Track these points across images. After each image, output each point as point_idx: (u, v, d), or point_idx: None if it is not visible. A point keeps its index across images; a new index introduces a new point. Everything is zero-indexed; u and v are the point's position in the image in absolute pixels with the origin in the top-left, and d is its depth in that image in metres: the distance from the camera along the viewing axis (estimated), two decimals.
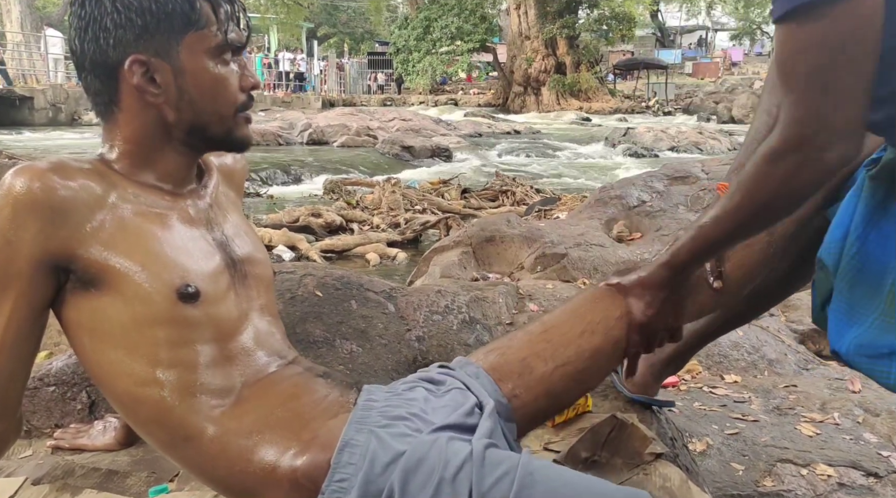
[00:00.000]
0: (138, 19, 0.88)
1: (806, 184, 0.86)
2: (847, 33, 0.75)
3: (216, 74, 0.93)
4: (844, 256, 0.96)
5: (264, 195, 7.69)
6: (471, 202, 6.68)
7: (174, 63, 0.91)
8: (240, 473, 0.88)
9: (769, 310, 1.38)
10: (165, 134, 0.94)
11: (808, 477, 1.61)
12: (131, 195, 0.91)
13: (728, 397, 2.06)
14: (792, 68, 0.80)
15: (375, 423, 0.89)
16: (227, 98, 0.95)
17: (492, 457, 0.83)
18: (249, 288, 1.00)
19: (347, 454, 0.85)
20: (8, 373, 0.87)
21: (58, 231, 0.84)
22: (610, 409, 1.38)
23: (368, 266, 4.80)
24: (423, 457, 0.83)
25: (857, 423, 1.89)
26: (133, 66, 0.89)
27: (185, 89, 0.92)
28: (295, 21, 26.35)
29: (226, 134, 0.97)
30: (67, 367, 1.55)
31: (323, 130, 12.85)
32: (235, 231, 1.03)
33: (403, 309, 1.97)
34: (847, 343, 0.95)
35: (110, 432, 1.35)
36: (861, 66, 0.77)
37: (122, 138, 0.94)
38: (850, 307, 0.95)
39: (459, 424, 0.91)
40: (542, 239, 3.37)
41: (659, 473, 1.15)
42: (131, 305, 0.87)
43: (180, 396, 0.88)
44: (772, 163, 0.86)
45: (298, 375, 0.97)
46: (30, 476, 1.25)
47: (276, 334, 1.02)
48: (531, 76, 24.22)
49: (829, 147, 0.81)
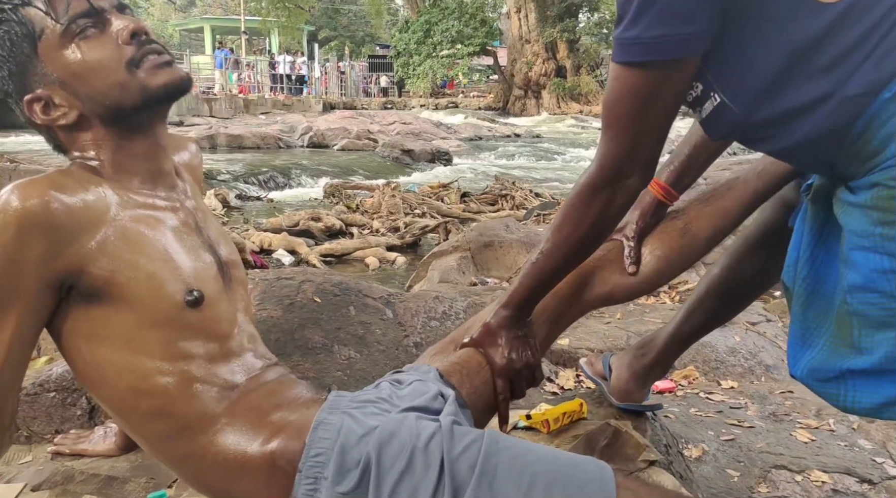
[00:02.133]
0: (5, 69, 0.92)
1: (619, 210, 0.99)
2: (667, 88, 0.87)
3: (81, 54, 0.91)
4: (797, 278, 0.97)
5: (264, 199, 7.70)
6: (470, 206, 6.70)
7: (52, 78, 0.92)
8: (223, 462, 0.90)
9: (743, 309, 1.42)
10: (105, 131, 0.95)
11: (803, 483, 1.62)
12: (126, 202, 0.92)
13: (724, 403, 2.07)
14: (617, 108, 0.90)
15: (347, 406, 0.93)
16: (109, 65, 0.91)
17: (459, 430, 0.89)
18: (234, 291, 1.03)
19: (322, 431, 0.89)
20: (9, 385, 0.88)
21: (65, 249, 0.84)
22: (605, 416, 1.40)
23: (368, 270, 4.81)
24: (395, 430, 0.87)
25: (851, 429, 1.90)
26: (32, 108, 0.93)
27: (76, 90, 0.92)
28: (296, 24, 26.37)
29: (142, 93, 0.93)
30: (67, 373, 1.56)
31: (323, 134, 12.87)
32: (217, 232, 1.05)
33: (401, 315, 1.98)
34: (801, 367, 0.95)
35: (110, 438, 1.36)
36: (670, 114, 0.90)
37: (80, 147, 0.95)
38: (803, 331, 0.96)
39: (425, 407, 0.96)
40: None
41: (652, 480, 1.16)
42: (137, 311, 0.88)
43: (186, 387, 0.91)
44: (592, 194, 0.97)
45: (279, 376, 1.01)
46: (29, 482, 1.26)
47: (257, 337, 1.06)
48: (531, 80, 24.25)
49: (633, 176, 0.94)
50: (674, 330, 1.37)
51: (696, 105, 0.91)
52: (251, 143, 11.97)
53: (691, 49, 0.84)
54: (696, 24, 0.81)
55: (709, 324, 1.37)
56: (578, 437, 1.28)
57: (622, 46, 0.85)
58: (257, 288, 1.89)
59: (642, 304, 3.07)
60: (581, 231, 1.00)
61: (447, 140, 12.73)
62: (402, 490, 0.84)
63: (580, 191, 0.98)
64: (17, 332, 0.85)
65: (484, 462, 0.84)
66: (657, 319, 2.64)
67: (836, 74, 0.79)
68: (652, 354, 1.39)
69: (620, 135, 0.91)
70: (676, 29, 0.81)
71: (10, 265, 0.82)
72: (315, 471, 0.87)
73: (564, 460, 0.86)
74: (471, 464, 0.84)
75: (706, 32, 0.82)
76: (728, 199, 1.22)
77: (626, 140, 0.91)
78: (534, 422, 1.34)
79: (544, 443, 1.29)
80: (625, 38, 0.84)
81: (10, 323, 0.84)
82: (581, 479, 0.83)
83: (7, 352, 0.85)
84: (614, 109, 0.90)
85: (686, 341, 1.40)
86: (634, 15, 0.82)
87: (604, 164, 0.94)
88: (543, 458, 0.86)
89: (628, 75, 0.86)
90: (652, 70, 0.85)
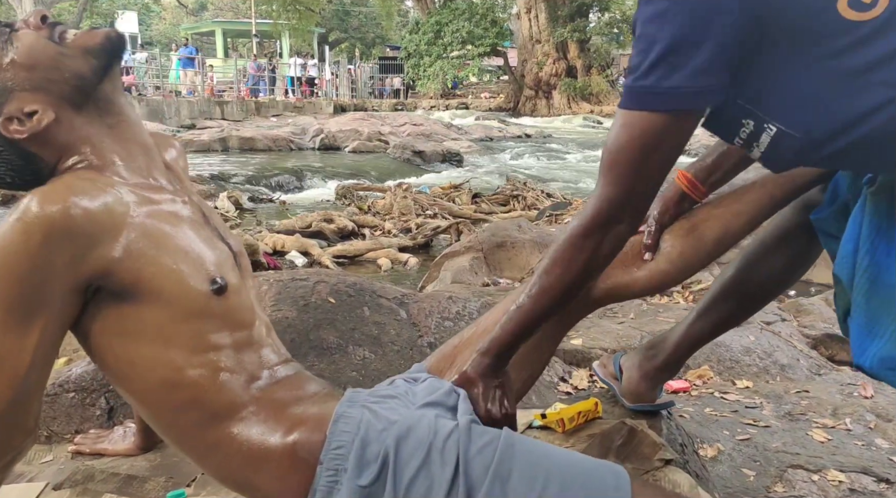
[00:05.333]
0: None
1: (608, 254, 0.99)
2: (674, 138, 0.88)
3: (18, 54, 0.92)
4: (857, 269, 0.98)
5: (276, 201, 7.73)
6: (482, 207, 6.70)
7: (9, 86, 0.92)
8: (247, 452, 0.91)
9: (757, 312, 1.40)
10: (83, 121, 0.95)
11: (820, 483, 1.61)
12: (140, 199, 0.93)
13: (739, 403, 2.07)
14: (622, 154, 0.91)
15: (365, 400, 0.95)
16: (41, 47, 0.93)
17: (476, 429, 0.90)
18: (246, 279, 1.05)
19: (342, 424, 0.90)
20: (34, 388, 0.89)
21: (89, 253, 0.85)
22: (620, 415, 1.39)
23: (380, 271, 4.82)
24: (414, 426, 0.89)
25: (868, 428, 1.89)
26: (10, 127, 0.92)
27: (35, 83, 0.92)
28: (306, 26, 26.46)
29: (85, 54, 0.94)
30: (87, 373, 1.58)
31: (334, 135, 12.91)
32: (220, 223, 1.07)
33: (415, 315, 1.99)
34: (870, 357, 0.96)
35: (129, 438, 1.37)
36: (671, 163, 0.92)
37: (77, 151, 0.95)
38: (868, 320, 0.97)
39: (441, 402, 0.98)
40: (552, 244, 3.38)
41: (668, 479, 1.16)
42: (167, 305, 0.90)
43: (216, 377, 0.92)
44: (585, 238, 0.97)
45: (298, 371, 1.03)
46: (51, 481, 1.28)
47: (272, 328, 1.07)
48: (542, 80, 24.20)
49: (624, 222, 0.96)
50: (685, 331, 1.36)
51: (752, 141, 0.91)
52: (263, 146, 12.03)
53: (705, 101, 0.85)
54: (712, 78, 0.82)
55: (721, 326, 1.36)
56: (594, 436, 1.28)
57: (636, 94, 0.86)
58: (272, 289, 1.90)
59: (656, 303, 3.06)
60: (572, 274, 1.00)
61: (458, 141, 12.74)
62: (418, 485, 0.85)
63: (573, 233, 0.99)
64: (43, 336, 0.86)
65: (499, 464, 0.85)
66: (671, 318, 2.63)
67: (891, 78, 0.81)
68: (662, 355, 1.38)
69: (621, 180, 0.92)
70: (692, 81, 0.82)
71: (36, 272, 0.83)
72: (336, 463, 0.88)
73: (580, 465, 0.87)
74: (486, 464, 0.85)
75: (721, 86, 0.84)
76: (743, 201, 1.20)
77: (625, 185, 0.93)
78: (549, 421, 1.34)
79: (559, 442, 1.29)
80: (639, 86, 0.85)
81: (37, 328, 0.85)
82: (596, 484, 0.83)
83: (32, 356, 0.86)
84: (619, 155, 0.91)
85: (697, 343, 1.39)
86: (651, 64, 0.83)
87: (601, 208, 0.95)
88: (558, 462, 0.86)
89: (638, 123, 0.87)
90: (663, 120, 0.86)
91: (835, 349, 2.63)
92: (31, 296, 0.84)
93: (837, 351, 2.62)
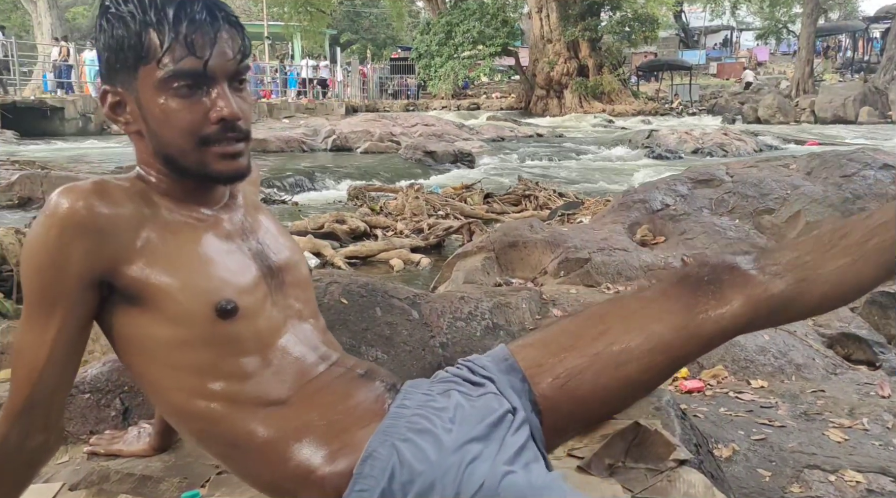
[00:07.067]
0: (105, 53, 0.93)
1: None
2: None
3: (166, 107, 0.91)
4: None
5: (289, 202, 7.76)
6: (493, 207, 6.69)
7: (135, 95, 0.93)
8: (280, 477, 0.92)
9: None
10: (160, 160, 0.96)
11: (837, 483, 1.60)
12: (168, 212, 0.95)
13: (754, 402, 2.05)
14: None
15: (400, 435, 0.91)
16: (182, 130, 0.91)
17: (506, 490, 0.84)
18: (287, 296, 1.02)
19: (369, 466, 0.88)
20: (55, 385, 0.90)
21: (103, 249, 0.87)
22: (634, 415, 1.39)
23: (392, 272, 4.83)
24: (438, 480, 0.86)
25: (886, 428, 1.87)
26: (105, 96, 0.96)
27: (147, 120, 0.94)
28: (318, 28, 26.58)
29: (198, 166, 0.94)
30: (102, 374, 1.59)
31: (346, 137, 12.95)
32: (270, 237, 1.05)
33: (427, 315, 1.99)
34: None
35: (144, 438, 1.38)
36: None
37: (142, 160, 0.98)
38: None
39: (485, 436, 0.92)
40: (565, 244, 3.37)
41: (683, 479, 1.15)
42: (172, 323, 0.90)
43: (226, 407, 0.92)
44: None
45: (339, 379, 0.99)
46: (67, 481, 1.29)
47: (316, 337, 1.03)
48: (553, 79, 24.16)
49: None
50: None
51: None
52: (275, 147, 12.08)
53: None
54: None
55: None
56: (608, 436, 1.27)
57: None
58: None
59: None
60: None
61: (469, 141, 12.73)
62: None
63: None
64: (60, 332, 0.88)
65: None
66: None
67: None
68: None
69: None
70: None
71: (53, 265, 0.86)
72: None
73: None
74: None
75: None
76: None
77: None
78: None
79: (573, 442, 1.28)
80: None
81: (55, 322, 0.88)
82: None
83: (50, 350, 0.88)
84: None
85: None
86: None
87: None
88: None
89: None
90: None
91: (851, 348, 2.60)
92: (50, 288, 0.87)
93: (854, 350, 2.59)
